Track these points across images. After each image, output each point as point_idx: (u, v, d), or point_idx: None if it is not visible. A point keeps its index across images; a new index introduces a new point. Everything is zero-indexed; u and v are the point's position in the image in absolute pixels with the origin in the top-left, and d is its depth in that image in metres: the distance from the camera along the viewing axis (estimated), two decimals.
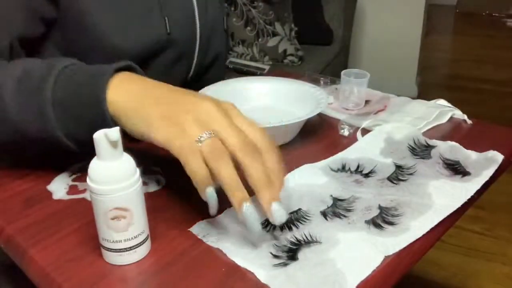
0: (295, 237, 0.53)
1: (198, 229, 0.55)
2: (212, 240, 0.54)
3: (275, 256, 0.51)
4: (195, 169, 0.50)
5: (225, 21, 0.99)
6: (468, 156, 0.69)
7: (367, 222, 0.56)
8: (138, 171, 0.49)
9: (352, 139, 0.76)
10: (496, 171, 0.65)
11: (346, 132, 0.78)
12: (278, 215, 0.50)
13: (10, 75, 0.60)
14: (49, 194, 0.63)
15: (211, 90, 0.83)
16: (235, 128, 0.52)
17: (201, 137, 0.51)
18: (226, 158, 0.50)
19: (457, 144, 0.72)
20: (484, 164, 0.66)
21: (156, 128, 0.53)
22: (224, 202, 0.60)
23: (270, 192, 0.51)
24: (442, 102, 0.87)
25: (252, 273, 0.49)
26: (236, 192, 0.50)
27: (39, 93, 0.58)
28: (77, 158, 0.71)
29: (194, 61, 0.93)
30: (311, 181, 0.64)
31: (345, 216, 0.57)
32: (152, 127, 0.53)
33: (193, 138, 0.51)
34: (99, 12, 0.75)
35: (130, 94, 0.56)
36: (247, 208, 0.50)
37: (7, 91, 0.59)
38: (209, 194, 0.51)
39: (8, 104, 0.59)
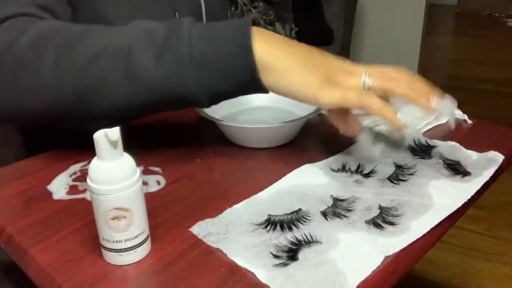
0: (295, 237, 0.53)
1: (198, 229, 0.55)
2: (213, 240, 0.54)
3: (275, 256, 0.51)
4: (381, 105, 0.58)
5: (229, 17, 0.99)
6: (469, 156, 0.69)
7: (367, 222, 0.56)
8: (138, 171, 0.49)
9: (352, 139, 0.76)
10: (497, 171, 0.65)
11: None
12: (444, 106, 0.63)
13: (133, 37, 0.59)
14: (49, 194, 0.63)
15: None
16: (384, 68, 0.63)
17: (363, 81, 0.59)
18: (392, 77, 0.62)
19: (457, 144, 0.72)
20: (485, 164, 0.66)
21: (324, 92, 0.58)
22: (223, 202, 0.60)
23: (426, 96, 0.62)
24: None
25: (252, 273, 0.49)
26: (423, 96, 0.61)
27: (173, 49, 0.57)
28: (77, 158, 0.71)
29: None
30: (312, 181, 0.64)
31: (345, 216, 0.57)
32: (319, 92, 0.58)
33: (360, 86, 0.59)
34: (110, 9, 0.75)
35: (278, 51, 0.58)
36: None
37: (137, 51, 0.58)
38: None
39: (141, 64, 0.58)
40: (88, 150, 0.73)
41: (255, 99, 0.86)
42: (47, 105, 0.62)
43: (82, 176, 0.67)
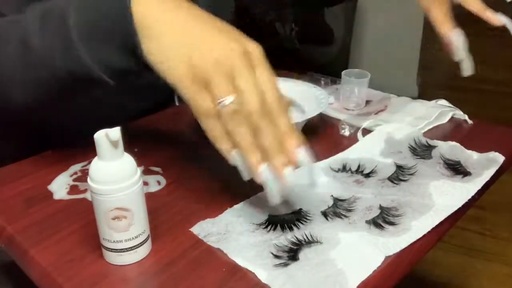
0: (296, 237, 0.53)
1: (199, 229, 0.55)
2: (213, 240, 0.54)
3: (276, 256, 0.51)
4: (216, 134, 0.51)
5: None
6: (469, 156, 0.69)
7: (367, 222, 0.56)
8: (139, 171, 0.49)
9: (352, 139, 0.76)
10: (497, 171, 0.65)
11: (346, 132, 0.78)
12: (289, 180, 0.50)
13: (32, 16, 0.58)
14: (50, 194, 0.63)
15: None
16: (256, 88, 0.50)
17: (223, 100, 0.49)
18: (242, 123, 0.50)
19: (458, 144, 0.72)
20: (485, 164, 0.66)
21: (181, 83, 0.51)
22: (224, 202, 0.60)
23: (282, 157, 0.50)
24: (443, 102, 0.87)
25: (253, 273, 0.49)
26: (252, 154, 0.50)
27: (62, 22, 0.55)
28: (77, 158, 0.71)
29: None
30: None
31: (345, 216, 0.57)
32: (178, 82, 0.51)
33: (215, 100, 0.49)
34: None
35: (158, 11, 0.52)
36: (264, 170, 0.50)
37: (31, 30, 0.57)
38: (234, 158, 0.51)
39: (34, 42, 0.57)
40: (88, 150, 0.73)
41: None
42: None
43: (83, 176, 0.67)
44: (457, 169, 0.66)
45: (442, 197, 0.60)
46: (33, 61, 0.58)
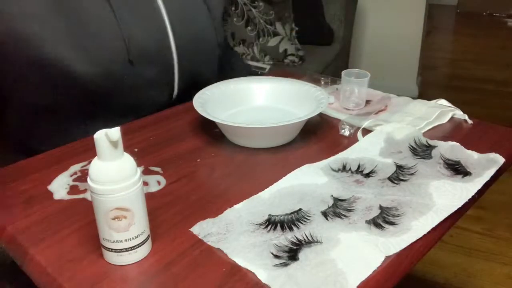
0: (296, 237, 0.53)
1: (198, 229, 0.55)
2: (213, 240, 0.54)
3: (276, 256, 0.51)
4: None
5: (219, 41, 0.96)
6: (469, 156, 0.69)
7: (368, 222, 0.56)
8: (139, 171, 0.49)
9: (352, 139, 0.76)
10: (497, 171, 0.65)
11: (346, 132, 0.78)
12: None
13: None
14: (50, 194, 0.63)
15: (211, 90, 0.83)
16: None
17: None
18: None
19: (458, 144, 0.72)
20: (485, 164, 0.66)
21: None
22: (224, 202, 0.60)
23: None
24: (443, 102, 0.87)
25: (253, 273, 0.49)
26: None
27: None
28: (77, 158, 0.71)
29: (176, 81, 0.90)
30: (312, 181, 0.64)
31: (345, 216, 0.57)
32: None
33: None
34: (48, 34, 0.74)
35: None
36: None
37: None
38: None
39: None
40: (88, 150, 0.73)
41: (256, 99, 0.86)
42: None
43: (83, 176, 0.67)
44: (457, 169, 0.66)
45: (442, 197, 0.60)
46: None
